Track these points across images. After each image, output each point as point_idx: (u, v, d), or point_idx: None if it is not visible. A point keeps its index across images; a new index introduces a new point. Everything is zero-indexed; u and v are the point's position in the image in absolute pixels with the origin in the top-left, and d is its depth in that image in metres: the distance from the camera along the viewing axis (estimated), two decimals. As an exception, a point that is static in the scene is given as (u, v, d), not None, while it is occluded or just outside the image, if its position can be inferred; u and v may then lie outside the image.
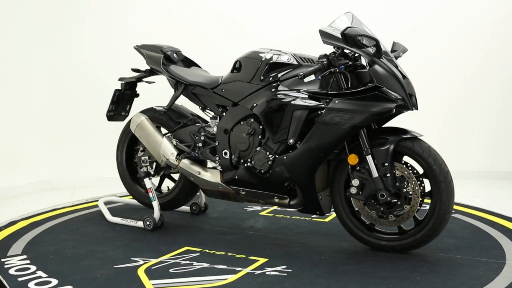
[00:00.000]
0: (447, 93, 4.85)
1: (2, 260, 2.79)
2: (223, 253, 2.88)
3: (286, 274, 2.55)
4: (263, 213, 3.73)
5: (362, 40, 2.60)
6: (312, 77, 2.86)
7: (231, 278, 2.51)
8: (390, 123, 2.88)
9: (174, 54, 3.41)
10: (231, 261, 2.75)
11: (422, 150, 2.71)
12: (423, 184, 2.77)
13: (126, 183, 3.66)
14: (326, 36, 2.78)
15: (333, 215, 3.39)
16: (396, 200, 2.76)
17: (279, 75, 2.95)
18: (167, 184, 3.71)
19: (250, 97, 3.04)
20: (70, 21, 4.73)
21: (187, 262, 2.74)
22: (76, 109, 4.64)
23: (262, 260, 2.74)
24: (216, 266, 2.67)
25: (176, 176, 3.62)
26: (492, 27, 4.80)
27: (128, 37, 3.65)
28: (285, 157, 2.88)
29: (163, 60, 3.35)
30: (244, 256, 2.82)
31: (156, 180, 3.60)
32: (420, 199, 2.74)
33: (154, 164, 3.46)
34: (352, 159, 2.81)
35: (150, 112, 3.48)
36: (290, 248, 2.95)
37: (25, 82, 4.60)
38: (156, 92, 3.94)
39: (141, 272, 2.59)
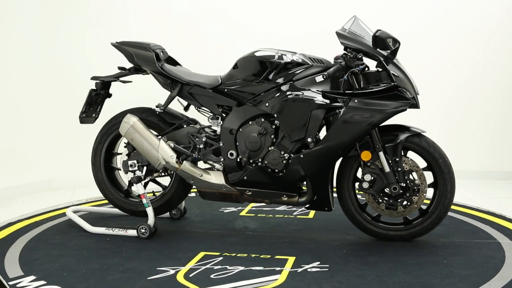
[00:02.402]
0: (447, 93, 4.90)
1: (11, 283, 2.43)
2: (245, 255, 2.83)
3: (327, 269, 2.60)
4: (242, 213, 3.72)
5: (390, 42, 2.76)
6: (321, 77, 2.95)
7: (280, 278, 2.50)
8: (388, 122, 3.08)
9: (161, 53, 3.24)
10: (262, 262, 2.71)
11: (428, 145, 2.95)
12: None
13: (104, 190, 3.39)
14: (344, 38, 2.89)
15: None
16: (405, 192, 2.96)
17: (290, 74, 2.98)
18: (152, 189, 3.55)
19: (259, 97, 3.02)
20: (71, 22, 4.68)
21: (220, 267, 2.65)
22: (77, 109, 4.29)
23: (291, 259, 2.76)
24: (253, 268, 2.63)
25: (160, 180, 3.46)
26: (493, 27, 4.79)
27: (130, 37, 3.41)
28: (302, 156, 2.93)
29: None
30: (270, 256, 2.81)
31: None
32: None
33: (144, 168, 3.24)
34: (365, 156, 2.95)
35: (137, 113, 3.26)
36: (305, 245, 3.00)
37: (26, 82, 4.52)
38: (124, 92, 3.74)
39: (183, 281, 2.46)
